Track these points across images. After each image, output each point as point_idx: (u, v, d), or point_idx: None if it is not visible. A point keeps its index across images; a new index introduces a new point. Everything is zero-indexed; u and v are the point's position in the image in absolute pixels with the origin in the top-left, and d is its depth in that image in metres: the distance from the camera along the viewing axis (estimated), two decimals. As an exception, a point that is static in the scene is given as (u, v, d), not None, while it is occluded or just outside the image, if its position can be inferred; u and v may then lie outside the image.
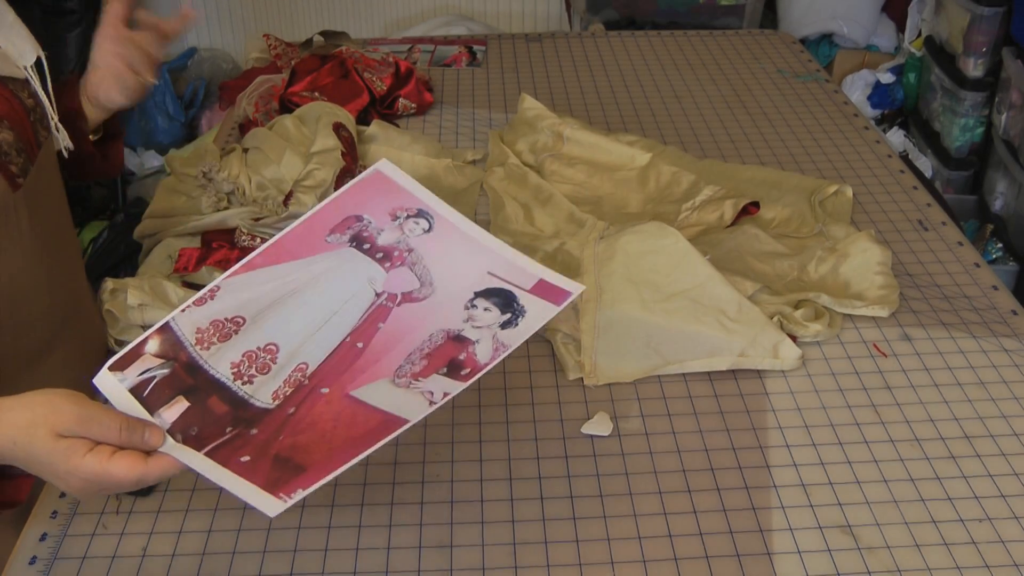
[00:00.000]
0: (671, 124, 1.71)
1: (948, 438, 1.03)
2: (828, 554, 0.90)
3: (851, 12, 2.94)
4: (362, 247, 0.88)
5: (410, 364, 0.81)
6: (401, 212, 0.90)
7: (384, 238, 0.88)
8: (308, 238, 0.88)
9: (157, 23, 1.09)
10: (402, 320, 0.84)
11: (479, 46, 2.06)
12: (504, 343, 0.82)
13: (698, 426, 1.05)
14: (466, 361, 0.81)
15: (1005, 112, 2.47)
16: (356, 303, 0.85)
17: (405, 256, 0.87)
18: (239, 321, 0.83)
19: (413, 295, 0.86)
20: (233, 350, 0.82)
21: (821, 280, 1.24)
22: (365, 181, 0.90)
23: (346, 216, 0.89)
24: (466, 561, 0.90)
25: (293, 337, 0.83)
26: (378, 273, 0.87)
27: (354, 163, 1.43)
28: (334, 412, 0.79)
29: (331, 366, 0.82)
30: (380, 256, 0.87)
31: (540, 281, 0.85)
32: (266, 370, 0.81)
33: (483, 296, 0.84)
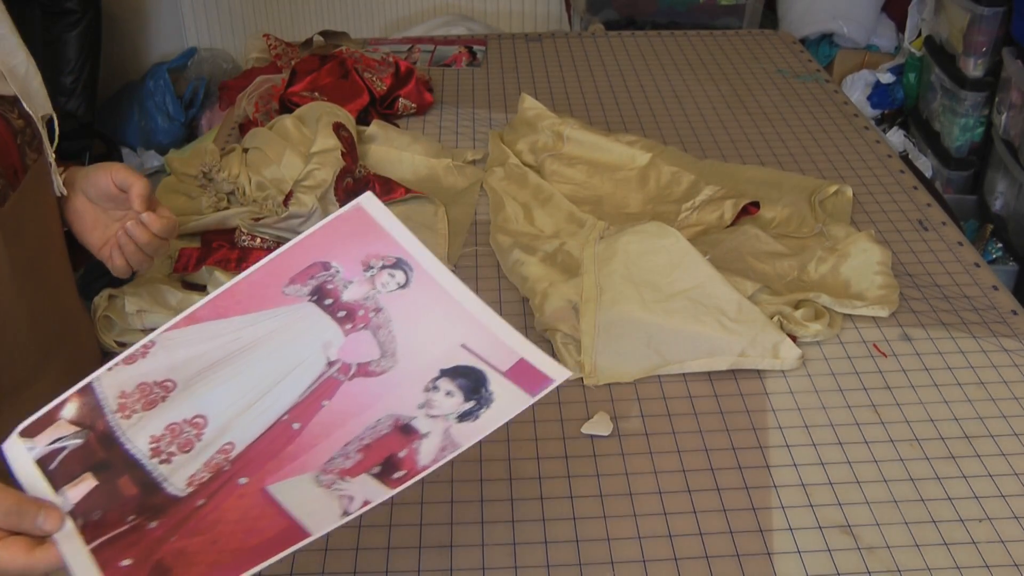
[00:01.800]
0: (671, 124, 1.71)
1: (948, 438, 1.03)
2: (828, 554, 0.90)
3: (851, 12, 2.94)
4: (323, 302, 0.76)
5: (344, 457, 0.70)
6: (376, 260, 0.77)
7: (351, 292, 0.76)
8: (264, 288, 0.77)
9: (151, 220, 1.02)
10: (350, 399, 0.73)
11: (479, 46, 2.06)
12: (455, 441, 0.70)
13: (698, 426, 1.05)
14: (404, 461, 0.70)
15: (1005, 112, 2.47)
16: (303, 373, 0.74)
17: (371, 317, 0.75)
18: (168, 386, 0.74)
19: (370, 367, 0.74)
20: (156, 421, 0.73)
21: (821, 280, 1.24)
22: (342, 218, 0.78)
23: (312, 263, 0.77)
24: (466, 561, 0.90)
25: (225, 409, 0.73)
26: (336, 336, 0.75)
27: (354, 163, 1.43)
28: (242, 510, 0.69)
29: (259, 450, 0.71)
30: (342, 315, 0.76)
31: (520, 361, 0.71)
32: (188, 447, 0.72)
33: (449, 376, 0.72)
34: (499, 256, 1.33)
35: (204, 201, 1.39)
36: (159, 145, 3.14)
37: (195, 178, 1.42)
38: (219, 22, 3.42)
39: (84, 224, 1.06)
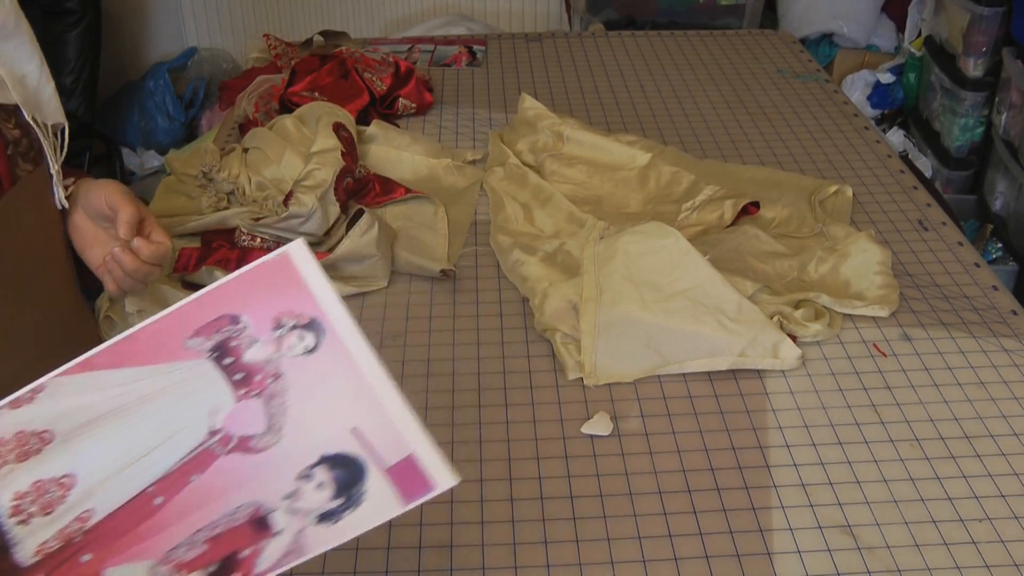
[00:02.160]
0: (671, 124, 1.71)
1: (948, 438, 1.03)
2: (828, 554, 0.90)
3: (851, 12, 2.94)
4: (223, 361, 0.70)
5: (188, 546, 0.65)
6: (288, 319, 0.70)
7: (254, 353, 0.70)
8: (167, 337, 0.70)
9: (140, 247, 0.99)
10: (220, 476, 0.67)
11: (479, 46, 2.06)
12: (303, 547, 0.65)
13: (698, 426, 1.05)
14: (243, 563, 0.65)
15: (1005, 112, 2.47)
16: (182, 440, 0.68)
17: (268, 383, 0.69)
18: (46, 437, 0.68)
19: (251, 443, 0.68)
20: (25, 475, 0.67)
21: (821, 280, 1.24)
22: (264, 267, 0.71)
23: (221, 315, 0.71)
24: (466, 561, 0.90)
25: (97, 471, 0.68)
26: (226, 402, 0.69)
27: (354, 163, 1.43)
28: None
29: (115, 523, 0.66)
30: (239, 378, 0.69)
31: (408, 459, 0.66)
32: (49, 510, 0.67)
33: (328, 464, 0.67)
34: (499, 256, 1.33)
35: (204, 201, 1.39)
36: (159, 145, 3.14)
37: (195, 178, 1.42)
38: (219, 22, 3.42)
39: (84, 240, 1.04)
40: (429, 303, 1.25)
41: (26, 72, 0.96)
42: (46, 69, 0.97)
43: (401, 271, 1.31)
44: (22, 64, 0.95)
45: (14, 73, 0.94)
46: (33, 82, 0.96)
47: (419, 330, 1.20)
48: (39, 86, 0.97)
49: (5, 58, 0.94)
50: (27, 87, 0.96)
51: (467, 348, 1.17)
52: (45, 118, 0.98)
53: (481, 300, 1.26)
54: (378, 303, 1.25)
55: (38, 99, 0.97)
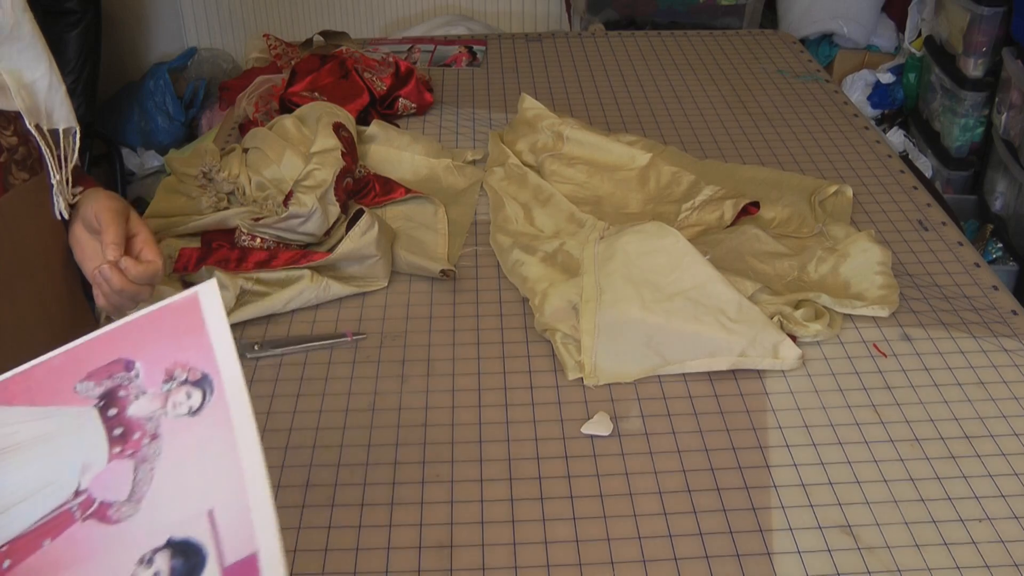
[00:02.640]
0: (671, 124, 1.71)
1: (948, 438, 1.03)
2: (828, 554, 0.90)
3: (851, 12, 2.94)
4: (107, 412, 0.66)
5: None
6: (181, 372, 0.66)
7: (139, 406, 0.66)
8: (60, 376, 0.67)
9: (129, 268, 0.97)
10: (69, 545, 0.62)
11: (479, 46, 2.06)
12: None
13: (698, 426, 1.05)
14: None
15: (1005, 112, 2.47)
16: (49, 496, 0.64)
17: (143, 445, 0.65)
18: None
19: (109, 511, 0.63)
20: None
21: (821, 280, 1.24)
22: (171, 308, 0.67)
23: (117, 358, 0.67)
24: (466, 561, 0.90)
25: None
26: (99, 459, 0.64)
27: (354, 163, 1.43)
28: None
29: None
30: (118, 433, 0.65)
31: (249, 558, 0.61)
32: None
33: (169, 550, 0.62)
34: (499, 256, 1.33)
35: (204, 201, 1.39)
36: (159, 145, 3.14)
37: (195, 178, 1.42)
38: (219, 22, 3.42)
39: (83, 253, 1.02)
40: (429, 303, 1.25)
41: (35, 77, 0.93)
42: (56, 72, 0.95)
43: (401, 271, 1.31)
44: (30, 70, 0.93)
45: (20, 79, 0.92)
46: (43, 88, 0.94)
47: (419, 330, 1.20)
48: (49, 91, 0.95)
49: (6, 62, 0.92)
50: (35, 94, 0.94)
51: (467, 348, 1.17)
52: (55, 123, 0.96)
53: (481, 300, 1.26)
54: (378, 303, 1.25)
55: (48, 105, 0.95)
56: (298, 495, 0.97)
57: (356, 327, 1.21)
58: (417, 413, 1.07)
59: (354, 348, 1.17)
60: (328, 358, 1.16)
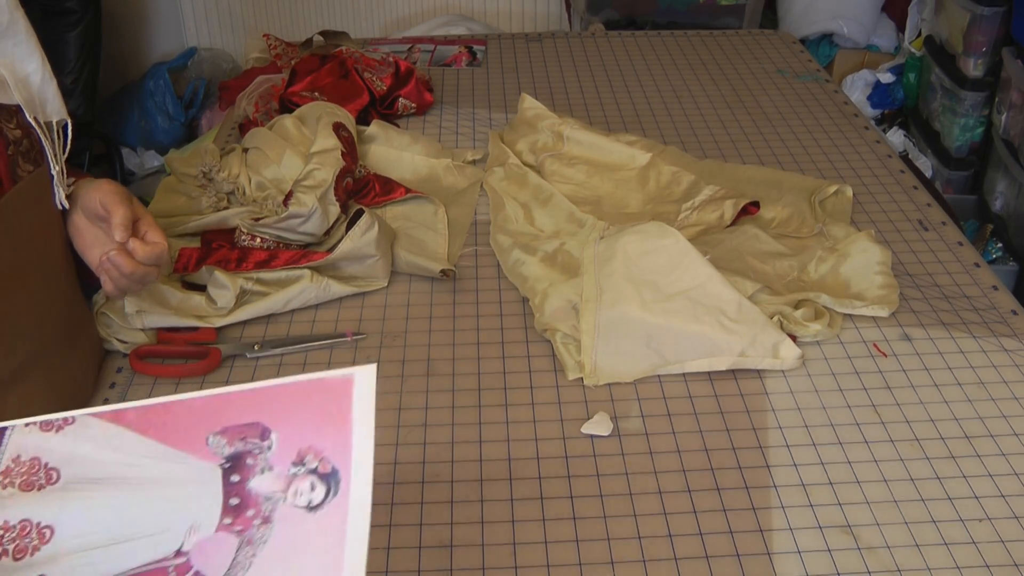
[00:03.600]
0: (671, 124, 1.71)
1: (948, 438, 1.03)
2: (828, 554, 0.90)
3: (851, 12, 2.94)
4: (230, 477, 0.63)
5: None
6: (312, 459, 0.62)
7: (260, 483, 0.63)
8: (197, 422, 0.66)
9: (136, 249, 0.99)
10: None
11: (479, 46, 2.06)
12: None
13: (698, 426, 1.05)
14: None
15: (1005, 112, 2.47)
16: (153, 546, 0.62)
17: (254, 525, 0.61)
18: (52, 476, 0.65)
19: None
20: (17, 508, 0.64)
21: (821, 280, 1.24)
22: (323, 384, 0.64)
23: (256, 421, 0.65)
24: (466, 561, 0.90)
25: (71, 537, 0.63)
26: (208, 524, 0.62)
27: (354, 163, 1.43)
28: None
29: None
30: (234, 504, 0.63)
31: None
32: (20, 556, 0.62)
33: None
34: (499, 256, 1.33)
35: (204, 201, 1.39)
36: (159, 145, 3.14)
37: (195, 178, 1.42)
38: (219, 22, 3.43)
39: (84, 241, 1.04)
40: (429, 303, 1.25)
41: (28, 71, 0.96)
42: (48, 67, 0.97)
43: (401, 271, 1.31)
44: (24, 63, 0.95)
45: (16, 73, 0.94)
46: (36, 81, 0.96)
47: (419, 330, 1.20)
48: (42, 85, 0.97)
49: (5, 57, 0.94)
50: (30, 87, 0.96)
51: (467, 348, 1.17)
52: (48, 116, 0.98)
53: (481, 300, 1.26)
54: (378, 303, 1.25)
55: (42, 98, 0.97)
56: (298, 495, 0.97)
57: (356, 327, 1.21)
58: (417, 413, 1.07)
59: (354, 348, 1.17)
60: (328, 358, 1.16)
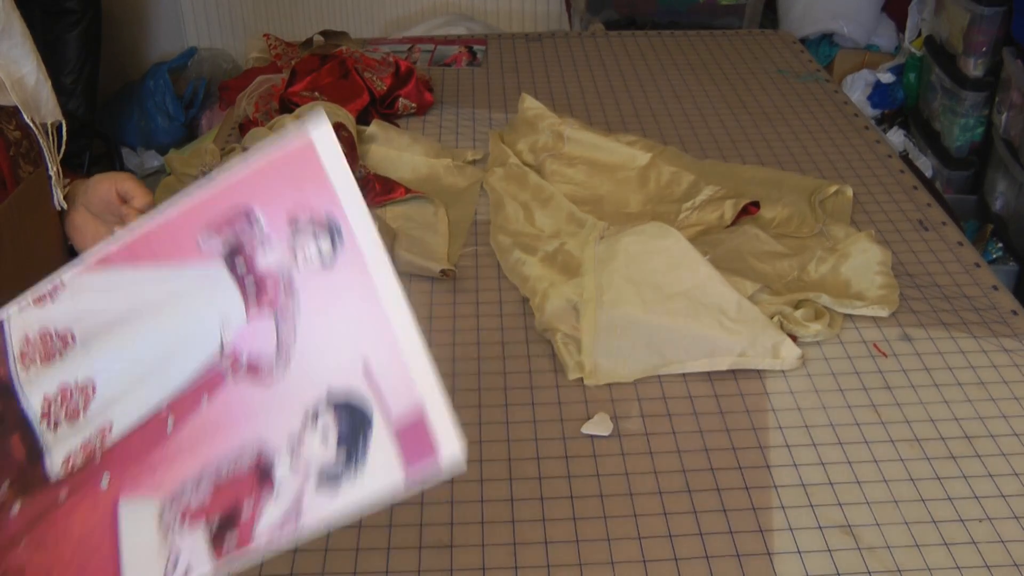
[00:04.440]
0: (671, 124, 1.71)
1: (948, 438, 1.03)
2: (828, 554, 0.90)
3: (851, 12, 2.94)
4: (235, 264, 0.62)
5: (195, 490, 0.59)
6: (304, 216, 0.60)
7: (267, 258, 0.61)
8: (181, 232, 0.64)
9: None
10: (229, 406, 0.60)
11: (479, 46, 2.06)
12: (302, 516, 0.57)
13: (698, 426, 1.05)
14: (245, 523, 0.57)
15: (1005, 112, 2.47)
16: (195, 352, 0.62)
17: (280, 299, 0.61)
18: (68, 339, 0.65)
19: (260, 372, 0.60)
20: (51, 379, 0.64)
21: (821, 280, 1.24)
22: (286, 157, 0.61)
23: (236, 206, 0.62)
24: (466, 561, 0.90)
25: (115, 380, 0.63)
26: (238, 313, 0.61)
27: (354, 163, 1.43)
28: (89, 527, 0.60)
29: (130, 445, 0.61)
30: (250, 287, 0.62)
31: (416, 411, 0.56)
32: (74, 418, 0.63)
33: (334, 410, 0.58)
34: (499, 256, 1.33)
35: (204, 201, 1.39)
36: (159, 145, 3.14)
37: (195, 178, 1.42)
38: (219, 22, 3.42)
39: (84, 238, 1.04)
40: (429, 303, 1.25)
41: (24, 73, 0.96)
42: (43, 68, 0.98)
43: (401, 271, 1.30)
44: (19, 65, 0.96)
45: (12, 74, 0.95)
46: (31, 83, 0.97)
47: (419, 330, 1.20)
48: (37, 87, 0.97)
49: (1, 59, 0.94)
50: (26, 88, 0.96)
51: (467, 348, 1.17)
52: (44, 117, 0.98)
53: (481, 300, 1.26)
54: (378, 303, 1.25)
55: (37, 99, 0.98)
56: (298, 495, 0.97)
57: (356, 327, 1.21)
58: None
59: (354, 348, 1.17)
60: (328, 358, 1.16)
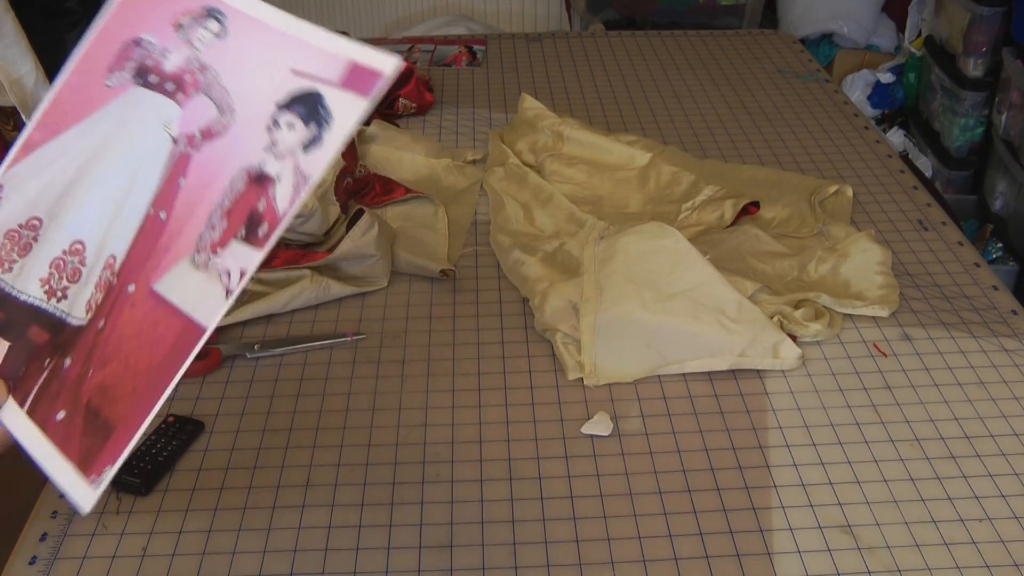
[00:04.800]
0: (671, 124, 1.71)
1: (948, 438, 1.03)
2: (828, 554, 0.90)
3: (851, 12, 2.94)
4: (148, 80, 0.71)
5: (210, 230, 0.69)
6: (185, 18, 0.70)
7: (172, 62, 0.71)
8: (86, 88, 0.71)
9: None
10: (204, 168, 0.70)
11: (479, 46, 2.06)
12: (305, 173, 0.68)
13: (698, 426, 1.05)
14: (265, 213, 0.68)
15: (1005, 112, 2.47)
16: (154, 160, 0.70)
17: (199, 79, 0.70)
18: (35, 224, 0.71)
19: (212, 129, 0.70)
20: (39, 263, 0.70)
21: (821, 280, 1.24)
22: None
23: (123, 43, 0.71)
24: (466, 561, 0.90)
25: (96, 226, 0.70)
26: (172, 111, 0.70)
27: (354, 163, 1.43)
28: (138, 320, 0.68)
29: (137, 252, 0.70)
30: (171, 88, 0.71)
31: (351, 64, 0.67)
32: (76, 277, 0.70)
33: (287, 108, 0.69)
34: (499, 256, 1.33)
35: (204, 201, 1.39)
36: (159, 145, 3.14)
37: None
38: (219, 22, 3.42)
39: None
40: (429, 303, 1.25)
41: (22, 74, 0.96)
42: (41, 70, 0.98)
43: (401, 271, 1.31)
44: (16, 66, 0.96)
45: (9, 75, 0.95)
46: (30, 84, 0.97)
47: (419, 330, 1.20)
48: (36, 88, 0.97)
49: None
50: (24, 89, 0.96)
51: (467, 348, 1.17)
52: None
53: (481, 300, 1.26)
54: (378, 303, 1.25)
55: (36, 100, 0.98)
56: (298, 495, 0.97)
57: (356, 327, 1.21)
58: (417, 413, 1.07)
59: (354, 348, 1.17)
60: (328, 358, 1.16)
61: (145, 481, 0.97)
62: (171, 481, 0.98)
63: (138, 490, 0.97)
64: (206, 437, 1.04)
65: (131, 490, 0.97)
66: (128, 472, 0.98)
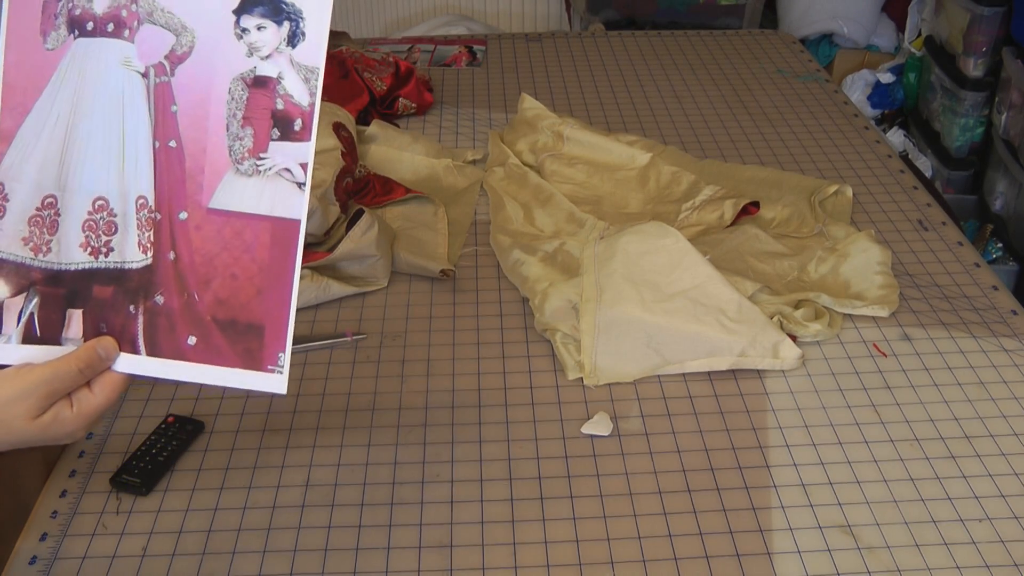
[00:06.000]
0: (671, 124, 1.71)
1: (948, 438, 1.03)
2: (828, 554, 0.90)
3: (851, 12, 2.94)
4: (86, 29, 0.72)
5: (238, 140, 0.70)
6: None
7: (99, 3, 0.72)
8: (28, 58, 0.72)
9: None
10: (190, 89, 0.71)
11: (479, 46, 2.06)
12: (307, 65, 0.69)
13: (698, 426, 1.05)
14: (288, 109, 0.69)
15: (1005, 112, 2.47)
16: (131, 99, 0.72)
17: (135, 10, 0.71)
18: (51, 202, 0.73)
19: (176, 52, 0.71)
20: (72, 233, 0.73)
21: (821, 280, 1.24)
22: None
23: (41, 2, 0.72)
24: (466, 561, 0.90)
25: (108, 178, 0.72)
26: (125, 48, 0.72)
27: (354, 163, 1.43)
28: (213, 237, 0.70)
29: (165, 184, 0.71)
30: (112, 28, 0.72)
31: None
32: (112, 230, 0.72)
33: (246, 13, 0.69)
34: (499, 256, 1.33)
35: (204, 201, 1.39)
36: (159, 145, 3.14)
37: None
38: (219, 22, 3.42)
39: None
40: (429, 303, 1.25)
41: None
42: None
43: (401, 271, 1.31)
44: None
45: None
46: None
47: (419, 330, 1.20)
48: None
49: None
50: None
51: (467, 348, 1.17)
52: None
53: (481, 300, 1.26)
54: (378, 303, 1.25)
55: None
56: (298, 495, 0.97)
57: (356, 327, 1.21)
58: (417, 413, 1.07)
59: (354, 348, 1.17)
60: (328, 358, 1.16)
61: (145, 481, 0.97)
62: (171, 481, 0.98)
63: (138, 490, 0.97)
64: (206, 437, 1.04)
65: (131, 490, 0.97)
66: (128, 472, 0.98)
